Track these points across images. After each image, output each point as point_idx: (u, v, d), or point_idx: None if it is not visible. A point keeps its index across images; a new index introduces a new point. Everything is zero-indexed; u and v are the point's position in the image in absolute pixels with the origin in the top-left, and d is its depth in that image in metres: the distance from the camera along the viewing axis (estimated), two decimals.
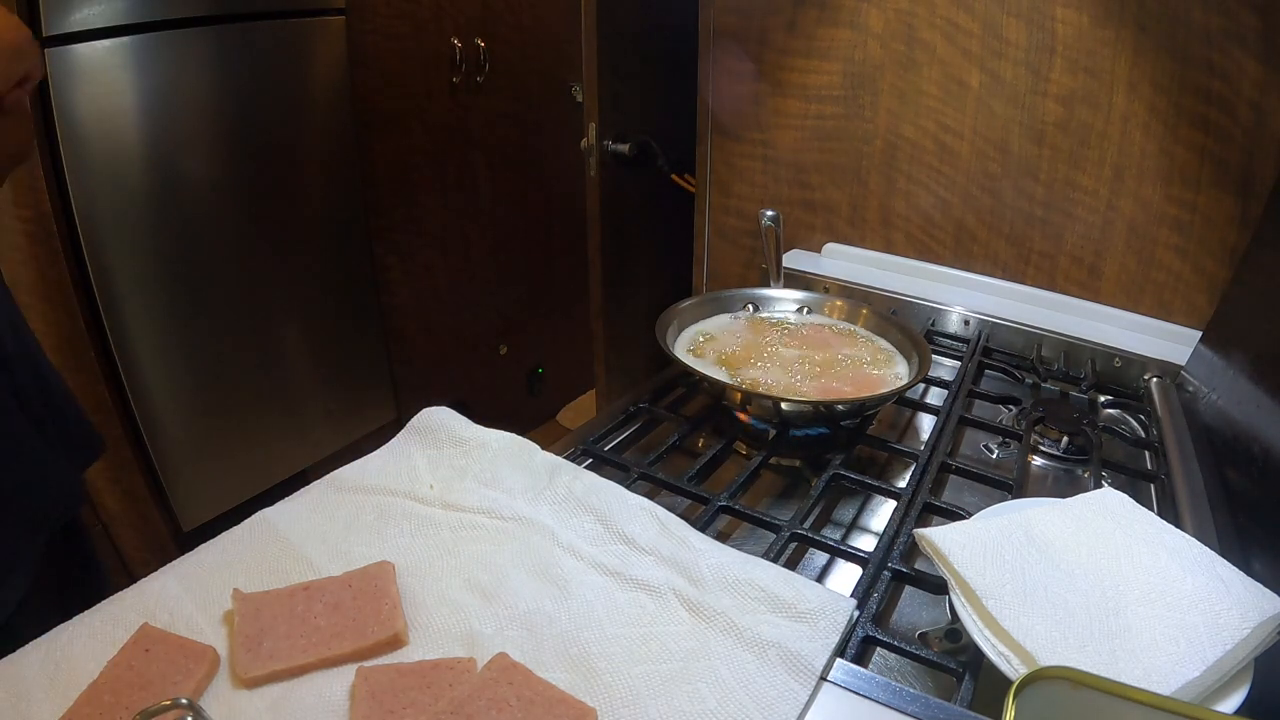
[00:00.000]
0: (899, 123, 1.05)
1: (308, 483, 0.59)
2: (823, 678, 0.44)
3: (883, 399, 0.71)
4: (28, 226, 1.11)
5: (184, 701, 0.38)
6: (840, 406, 0.70)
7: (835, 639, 0.46)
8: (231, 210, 1.36)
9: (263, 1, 1.34)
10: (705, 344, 0.82)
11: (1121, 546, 0.51)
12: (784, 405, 0.70)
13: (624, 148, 1.47)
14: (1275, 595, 0.47)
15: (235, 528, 0.53)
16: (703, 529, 0.56)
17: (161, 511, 1.36)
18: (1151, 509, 0.58)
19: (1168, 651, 0.43)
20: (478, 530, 0.55)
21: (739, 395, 0.71)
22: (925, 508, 0.62)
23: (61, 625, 0.45)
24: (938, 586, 0.53)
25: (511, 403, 2.25)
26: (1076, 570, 0.49)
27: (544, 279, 2.20)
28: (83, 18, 1.09)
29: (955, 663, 0.47)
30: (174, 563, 0.50)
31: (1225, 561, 0.50)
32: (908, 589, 0.59)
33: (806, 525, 0.60)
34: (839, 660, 0.46)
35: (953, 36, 0.97)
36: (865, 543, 0.60)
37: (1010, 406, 0.84)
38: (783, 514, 0.60)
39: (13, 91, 0.50)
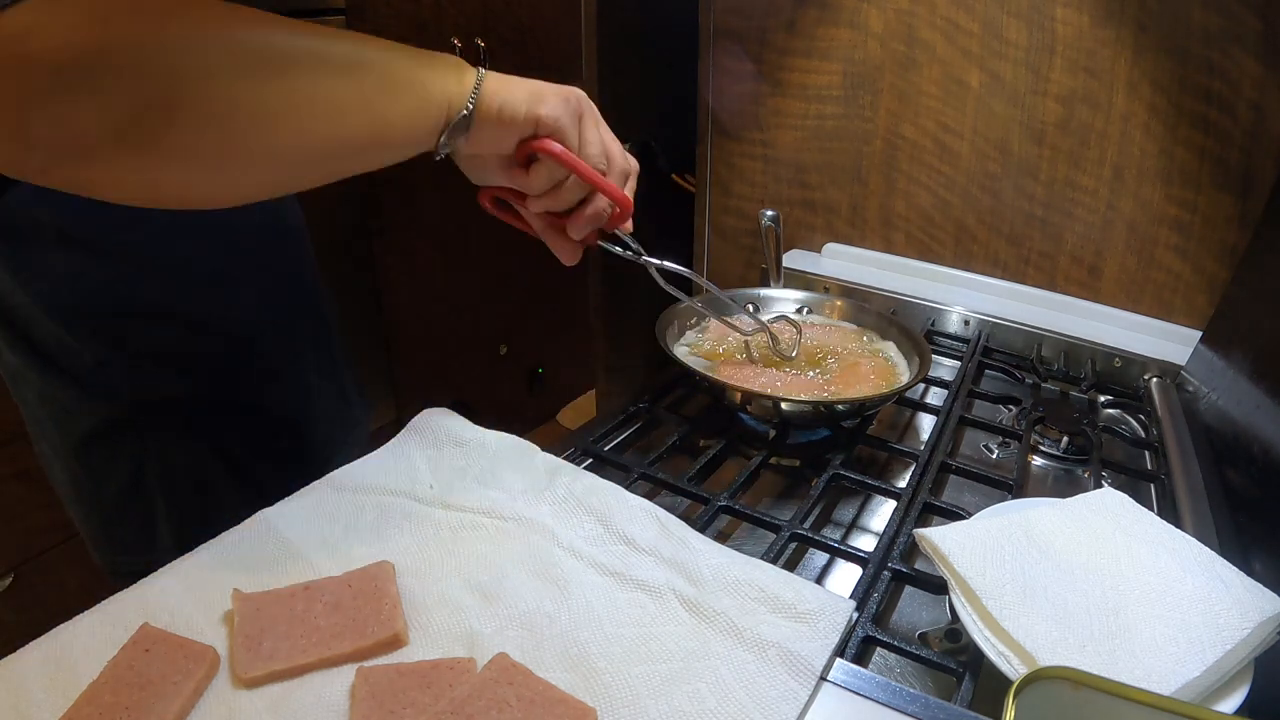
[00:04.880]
0: (899, 123, 1.05)
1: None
2: (823, 678, 0.44)
3: (883, 399, 0.71)
4: None
5: None
6: (840, 406, 0.70)
7: (835, 639, 0.46)
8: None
9: (262, 2, 1.34)
10: (705, 344, 0.82)
11: (1121, 546, 0.51)
12: (784, 405, 0.70)
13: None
14: (1275, 595, 0.47)
15: (235, 528, 0.53)
16: (703, 529, 0.56)
17: None
18: (1151, 509, 0.58)
19: (1168, 651, 0.43)
20: (478, 530, 0.55)
21: (739, 395, 0.70)
22: (925, 508, 0.62)
23: (61, 625, 0.45)
24: (938, 586, 0.53)
25: (511, 403, 2.25)
26: (1076, 570, 0.49)
27: (544, 279, 2.20)
28: None
29: (955, 663, 0.47)
30: (174, 563, 0.50)
31: (1225, 561, 0.50)
32: (908, 589, 0.59)
33: (806, 525, 0.60)
34: (839, 660, 0.46)
35: (953, 36, 0.97)
36: (865, 543, 0.60)
37: (1010, 406, 0.84)
38: (783, 514, 0.60)
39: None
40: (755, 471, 0.67)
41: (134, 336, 0.61)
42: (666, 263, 0.64)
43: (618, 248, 0.62)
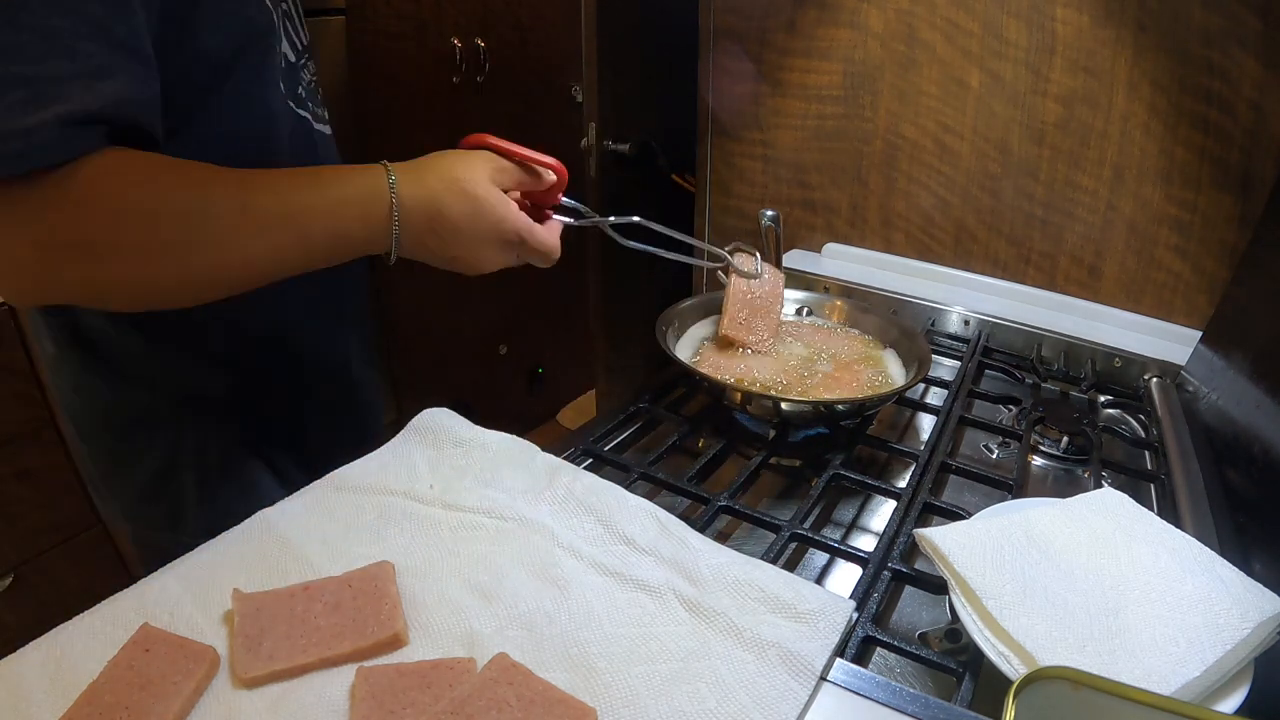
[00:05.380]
0: (899, 123, 1.05)
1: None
2: (822, 678, 0.44)
3: (883, 399, 0.71)
4: None
5: None
6: (840, 406, 0.70)
7: (835, 639, 0.46)
8: None
9: None
10: (705, 344, 0.82)
11: (1121, 546, 0.51)
12: (784, 405, 0.70)
13: (624, 148, 1.47)
14: (1275, 595, 0.47)
15: (235, 528, 0.53)
16: (703, 529, 0.56)
17: None
18: (1151, 509, 0.58)
19: (1168, 651, 0.43)
20: (478, 530, 0.55)
21: (739, 395, 0.70)
22: (925, 508, 0.62)
23: (61, 625, 0.45)
24: (938, 586, 0.53)
25: (511, 403, 2.25)
26: (1076, 570, 0.49)
27: (543, 279, 2.19)
28: None
29: (955, 663, 0.47)
30: (174, 563, 0.50)
31: (1225, 561, 0.50)
32: (908, 589, 0.59)
33: (806, 525, 0.60)
34: (839, 660, 0.46)
35: (953, 36, 0.97)
36: (865, 543, 0.60)
37: (1010, 406, 0.83)
38: (783, 514, 0.60)
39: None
40: (755, 471, 0.67)
41: (178, 329, 0.62)
42: (612, 218, 0.67)
43: (569, 219, 0.65)
